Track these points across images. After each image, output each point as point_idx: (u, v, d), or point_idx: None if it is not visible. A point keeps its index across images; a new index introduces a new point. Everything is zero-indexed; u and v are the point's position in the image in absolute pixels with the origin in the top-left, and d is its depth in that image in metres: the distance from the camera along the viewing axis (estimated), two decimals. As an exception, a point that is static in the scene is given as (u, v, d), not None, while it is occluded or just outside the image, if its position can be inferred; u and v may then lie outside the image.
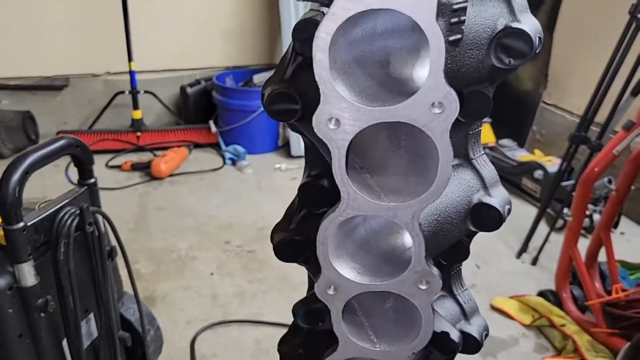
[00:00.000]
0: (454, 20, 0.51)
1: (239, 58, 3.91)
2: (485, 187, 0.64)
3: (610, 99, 2.34)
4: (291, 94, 0.55)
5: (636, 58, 2.24)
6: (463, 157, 0.64)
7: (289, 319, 2.15)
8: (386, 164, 0.55)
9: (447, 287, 0.74)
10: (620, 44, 2.30)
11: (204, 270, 2.38)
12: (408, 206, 0.51)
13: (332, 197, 0.56)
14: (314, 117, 0.47)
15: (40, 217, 1.28)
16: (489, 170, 0.64)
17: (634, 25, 2.23)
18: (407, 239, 0.59)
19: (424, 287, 0.55)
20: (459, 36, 0.52)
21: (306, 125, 0.55)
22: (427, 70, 0.45)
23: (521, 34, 0.54)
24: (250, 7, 3.81)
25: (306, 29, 0.50)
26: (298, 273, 2.36)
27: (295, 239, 0.64)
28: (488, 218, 0.64)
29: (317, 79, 0.45)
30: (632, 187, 2.05)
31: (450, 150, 0.47)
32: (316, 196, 0.61)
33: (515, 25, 0.55)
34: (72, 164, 2.94)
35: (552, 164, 2.98)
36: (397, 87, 0.51)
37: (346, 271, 0.55)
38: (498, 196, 0.64)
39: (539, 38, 0.56)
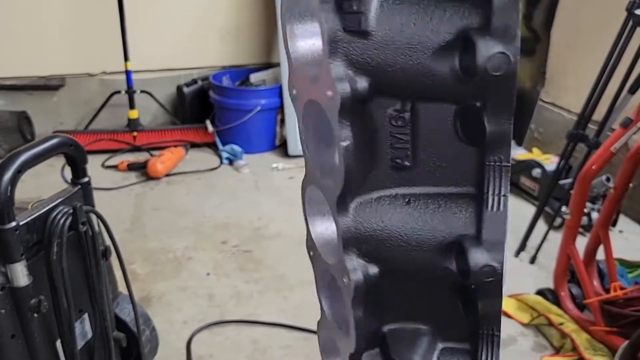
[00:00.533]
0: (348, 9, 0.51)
1: (235, 57, 3.90)
2: (479, 231, 0.55)
3: (607, 96, 2.33)
4: None
5: (633, 55, 2.23)
6: (474, 186, 0.57)
7: (286, 319, 2.14)
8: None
9: (473, 347, 0.63)
10: (618, 41, 2.29)
11: (200, 270, 2.36)
12: (329, 188, 0.54)
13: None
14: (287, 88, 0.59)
15: (32, 217, 1.27)
16: (496, 218, 0.55)
17: (631, 22, 2.22)
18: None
19: (345, 282, 0.55)
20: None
21: None
22: None
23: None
24: (246, 6, 3.79)
25: None
26: (295, 273, 2.36)
27: None
28: (462, 267, 0.55)
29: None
30: (631, 185, 2.05)
31: (343, 137, 0.51)
32: None
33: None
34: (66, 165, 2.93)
35: (550, 162, 2.97)
36: None
37: (316, 238, 0.62)
38: (487, 249, 0.54)
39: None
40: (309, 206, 0.61)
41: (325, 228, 0.62)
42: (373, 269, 0.56)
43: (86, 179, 1.44)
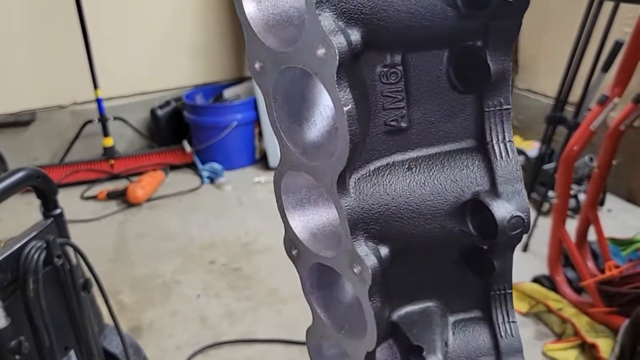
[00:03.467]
0: None
1: (207, 74, 3.86)
2: (493, 183, 0.51)
3: (581, 77, 2.33)
4: None
5: (602, 33, 2.23)
6: (474, 138, 0.54)
7: (281, 335, 2.09)
8: (310, 123, 0.52)
9: (486, 311, 0.60)
10: (586, 19, 2.29)
11: (190, 293, 2.31)
12: (326, 164, 0.48)
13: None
14: (247, 65, 0.50)
15: (4, 255, 1.21)
16: (507, 164, 0.52)
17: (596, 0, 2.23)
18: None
19: (356, 271, 0.50)
20: None
21: None
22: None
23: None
24: (213, 22, 3.76)
25: None
26: (286, 286, 2.31)
27: None
28: (484, 225, 0.50)
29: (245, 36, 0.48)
30: (614, 162, 2.04)
31: (343, 100, 0.44)
32: None
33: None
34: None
35: (532, 148, 2.96)
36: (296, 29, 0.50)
37: (301, 233, 0.54)
38: (507, 199, 0.50)
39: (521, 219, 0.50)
40: (287, 197, 0.56)
41: (318, 217, 0.57)
42: (384, 250, 0.51)
43: (58, 211, 1.39)
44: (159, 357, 1.91)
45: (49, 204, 1.38)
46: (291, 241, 0.55)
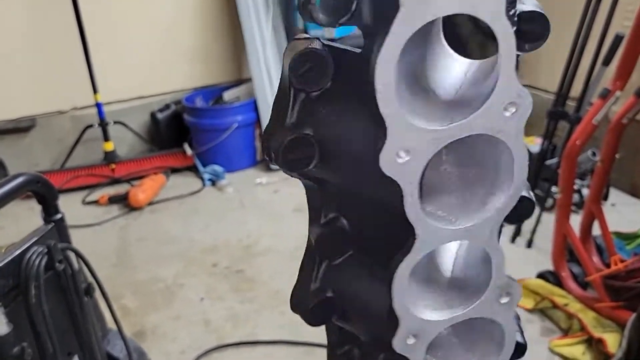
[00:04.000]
0: (511, 12, 0.42)
1: (206, 77, 3.85)
2: None
3: (582, 71, 2.32)
4: (307, 138, 0.47)
5: (602, 26, 2.22)
6: None
7: (285, 336, 2.09)
8: (435, 185, 0.48)
9: None
10: (585, 13, 2.28)
11: (193, 296, 2.29)
12: (486, 222, 0.45)
13: (355, 239, 0.51)
14: (382, 157, 0.41)
15: (5, 261, 1.20)
16: None
17: (596, -7, 2.22)
18: (443, 257, 0.53)
19: (505, 301, 0.49)
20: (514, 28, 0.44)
21: (324, 168, 0.48)
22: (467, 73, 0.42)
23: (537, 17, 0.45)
24: (211, 25, 3.75)
25: (306, 60, 0.44)
26: (289, 287, 2.28)
27: (326, 297, 0.55)
28: None
29: (382, 114, 0.40)
30: (617, 156, 2.02)
31: (525, 150, 0.43)
32: (337, 243, 0.53)
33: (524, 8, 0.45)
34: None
35: (535, 144, 2.95)
36: (442, 97, 0.45)
37: (424, 313, 0.49)
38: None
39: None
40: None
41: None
42: None
43: (59, 216, 1.38)
44: (163, 362, 1.90)
45: (49, 209, 1.37)
46: (409, 331, 0.49)
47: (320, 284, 0.55)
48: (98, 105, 3.38)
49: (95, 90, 3.35)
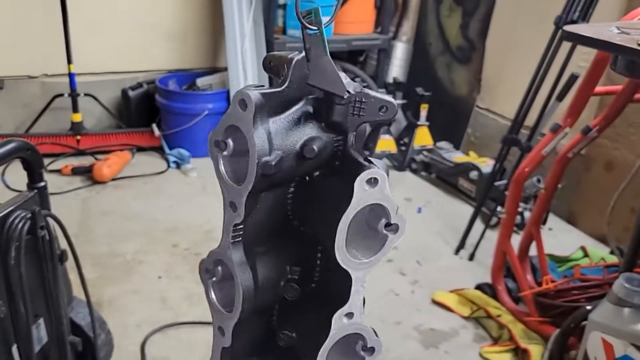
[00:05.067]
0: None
1: (182, 61, 3.90)
2: None
3: (538, 103, 2.50)
4: None
5: (560, 66, 2.41)
6: None
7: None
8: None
9: None
10: (547, 52, 2.46)
11: (151, 274, 2.37)
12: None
13: None
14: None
15: (-11, 222, 1.27)
16: None
17: (558, 35, 2.40)
18: None
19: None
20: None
21: None
22: None
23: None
24: (192, 9, 3.80)
25: None
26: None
27: None
28: None
29: None
30: (559, 186, 2.21)
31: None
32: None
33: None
34: (7, 169, 2.85)
35: (486, 164, 3.14)
36: None
37: None
38: None
39: None
40: None
41: None
42: None
43: (42, 184, 1.45)
44: (119, 333, 1.97)
45: (34, 176, 1.44)
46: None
47: None
48: (71, 76, 3.39)
49: (69, 60, 3.35)
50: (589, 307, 1.60)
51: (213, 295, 0.68)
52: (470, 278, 2.47)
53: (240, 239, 0.66)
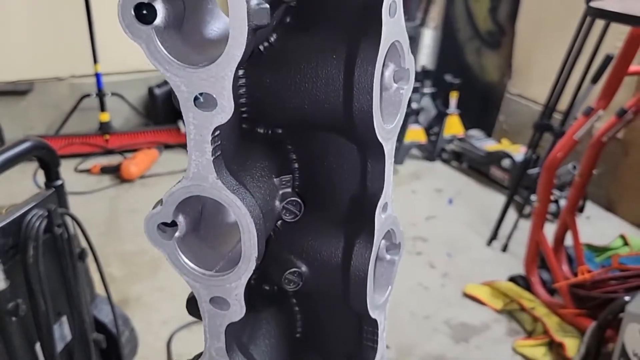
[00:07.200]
0: None
1: (206, 57, 3.89)
2: None
3: (571, 87, 2.40)
4: None
5: (594, 46, 2.30)
6: None
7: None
8: None
9: None
10: (578, 33, 2.36)
11: (178, 270, 2.36)
12: None
13: None
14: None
15: (7, 221, 1.27)
16: None
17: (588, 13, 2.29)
18: None
19: None
20: None
21: None
22: None
23: None
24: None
25: None
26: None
27: None
28: None
29: None
30: (595, 172, 2.12)
31: None
32: None
33: None
34: (39, 169, 2.90)
35: (519, 152, 3.05)
36: None
37: None
38: None
39: None
40: None
41: None
42: None
43: (60, 182, 1.45)
44: (145, 330, 1.98)
45: (51, 174, 1.43)
46: None
47: None
48: (97, 76, 3.42)
49: (95, 61, 3.39)
50: (627, 299, 1.52)
51: (184, 258, 0.46)
52: (503, 270, 2.39)
53: (219, 152, 0.43)
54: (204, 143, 0.41)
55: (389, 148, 0.46)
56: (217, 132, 0.41)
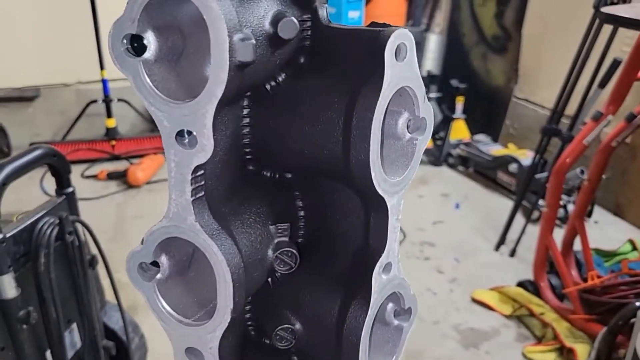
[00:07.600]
0: None
1: (212, 63, 3.90)
2: None
3: (578, 91, 2.39)
4: None
5: (602, 51, 2.29)
6: None
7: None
8: None
9: None
10: (586, 37, 2.35)
11: (185, 276, 2.36)
12: None
13: None
14: None
15: (19, 229, 1.27)
16: None
17: (598, 18, 2.29)
18: None
19: None
20: None
21: None
22: None
23: None
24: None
25: None
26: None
27: None
28: None
29: None
30: (604, 177, 2.11)
31: None
32: None
33: None
34: (46, 175, 2.91)
35: (526, 157, 3.04)
36: None
37: None
38: None
39: None
40: None
41: None
42: None
43: (71, 189, 1.45)
44: (153, 337, 1.97)
45: (62, 182, 1.44)
46: None
47: None
48: (104, 82, 3.43)
49: (102, 67, 3.40)
50: (638, 304, 1.51)
51: (163, 302, 0.45)
52: (511, 275, 2.38)
53: (202, 193, 0.42)
54: (184, 182, 0.40)
55: (394, 203, 0.43)
56: (201, 172, 0.41)
